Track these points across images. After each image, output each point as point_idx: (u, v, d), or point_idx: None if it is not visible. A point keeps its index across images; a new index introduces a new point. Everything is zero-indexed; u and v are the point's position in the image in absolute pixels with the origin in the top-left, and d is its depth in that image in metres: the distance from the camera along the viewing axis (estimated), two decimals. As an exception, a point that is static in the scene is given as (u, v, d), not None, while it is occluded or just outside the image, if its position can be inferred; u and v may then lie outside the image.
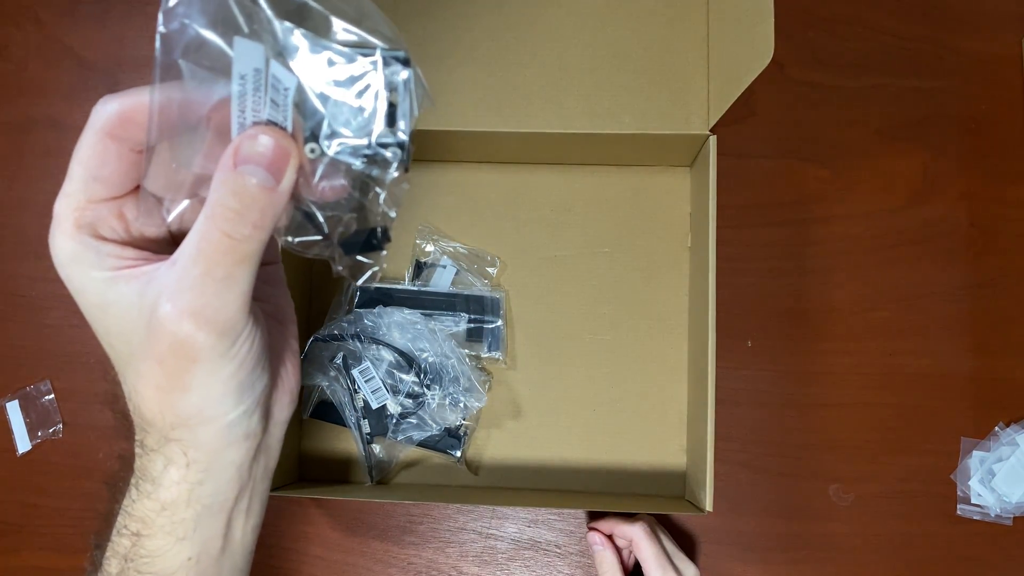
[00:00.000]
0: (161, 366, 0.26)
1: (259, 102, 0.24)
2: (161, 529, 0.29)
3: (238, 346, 0.26)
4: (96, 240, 0.27)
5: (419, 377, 0.56)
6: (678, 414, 0.57)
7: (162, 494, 0.28)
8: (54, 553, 0.59)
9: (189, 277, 0.25)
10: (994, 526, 0.56)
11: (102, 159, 0.26)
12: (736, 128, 0.60)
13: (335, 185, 0.27)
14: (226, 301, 0.25)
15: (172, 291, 0.25)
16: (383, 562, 0.57)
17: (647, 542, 0.49)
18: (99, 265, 0.27)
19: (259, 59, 0.24)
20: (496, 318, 0.58)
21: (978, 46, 0.60)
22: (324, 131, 0.25)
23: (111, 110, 0.26)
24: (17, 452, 0.60)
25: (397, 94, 0.26)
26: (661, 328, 0.58)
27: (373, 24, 0.25)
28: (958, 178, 0.59)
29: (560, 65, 0.54)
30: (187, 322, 0.25)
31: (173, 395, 0.26)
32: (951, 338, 0.58)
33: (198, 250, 0.25)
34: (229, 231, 0.25)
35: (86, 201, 0.27)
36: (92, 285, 0.27)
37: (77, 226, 0.27)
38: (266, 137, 0.24)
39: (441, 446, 0.56)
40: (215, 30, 0.24)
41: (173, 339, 0.25)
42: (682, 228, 0.59)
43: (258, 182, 0.24)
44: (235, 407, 0.28)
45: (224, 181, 0.25)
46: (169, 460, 0.28)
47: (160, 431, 0.27)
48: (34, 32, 0.64)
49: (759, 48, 0.40)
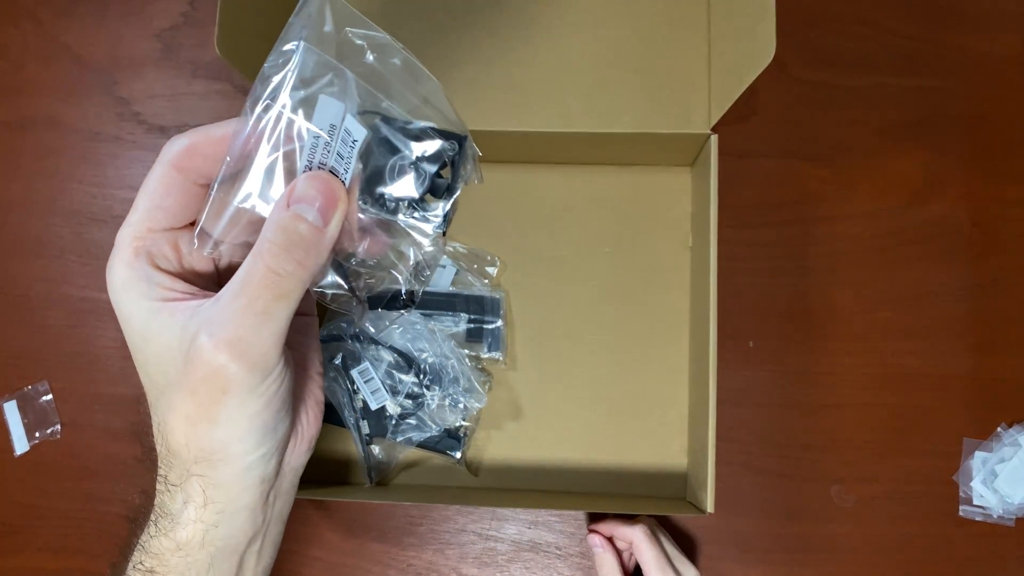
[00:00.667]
0: (193, 396, 0.27)
1: (327, 153, 0.27)
2: (175, 568, 0.29)
3: (267, 383, 0.27)
4: (150, 268, 0.28)
5: (419, 378, 0.55)
6: (679, 415, 0.57)
7: (179, 533, 0.29)
8: (52, 554, 0.59)
9: (230, 309, 0.26)
10: (996, 527, 0.56)
11: (167, 189, 0.28)
12: (737, 127, 0.60)
13: (378, 240, 0.29)
14: (262, 336, 0.26)
15: (212, 323, 0.26)
16: (382, 564, 0.57)
17: (647, 544, 0.49)
18: (148, 294, 0.28)
19: (338, 116, 0.27)
20: (496, 318, 0.57)
21: (980, 45, 0.60)
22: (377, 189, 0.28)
23: (181, 144, 0.28)
24: (15, 453, 0.60)
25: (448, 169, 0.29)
26: (662, 328, 0.58)
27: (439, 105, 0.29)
28: (959, 178, 0.59)
29: (561, 64, 0.53)
30: (223, 353, 0.26)
31: (200, 427, 0.27)
32: (953, 338, 0.58)
33: (241, 284, 0.26)
34: (273, 266, 0.26)
35: (147, 229, 0.28)
36: (139, 312, 0.28)
37: (135, 253, 0.28)
38: (320, 181, 0.27)
39: (441, 447, 0.56)
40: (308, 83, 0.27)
41: (207, 369, 0.26)
42: (683, 228, 0.58)
43: (307, 221, 0.26)
44: (256, 448, 0.28)
45: (276, 219, 0.26)
46: (188, 498, 0.28)
47: (184, 464, 0.28)
48: (32, 31, 0.64)
49: (761, 47, 0.40)
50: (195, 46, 0.63)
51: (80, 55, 0.63)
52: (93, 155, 0.62)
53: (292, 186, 0.27)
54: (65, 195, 0.62)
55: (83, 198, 0.62)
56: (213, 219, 0.28)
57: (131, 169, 0.62)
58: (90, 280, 0.61)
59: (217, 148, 0.28)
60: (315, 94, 0.27)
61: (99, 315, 0.61)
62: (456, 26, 0.54)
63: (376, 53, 0.28)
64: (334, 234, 0.27)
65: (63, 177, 0.62)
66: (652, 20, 0.54)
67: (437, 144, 0.29)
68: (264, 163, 0.27)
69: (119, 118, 0.63)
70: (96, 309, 0.61)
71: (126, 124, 0.62)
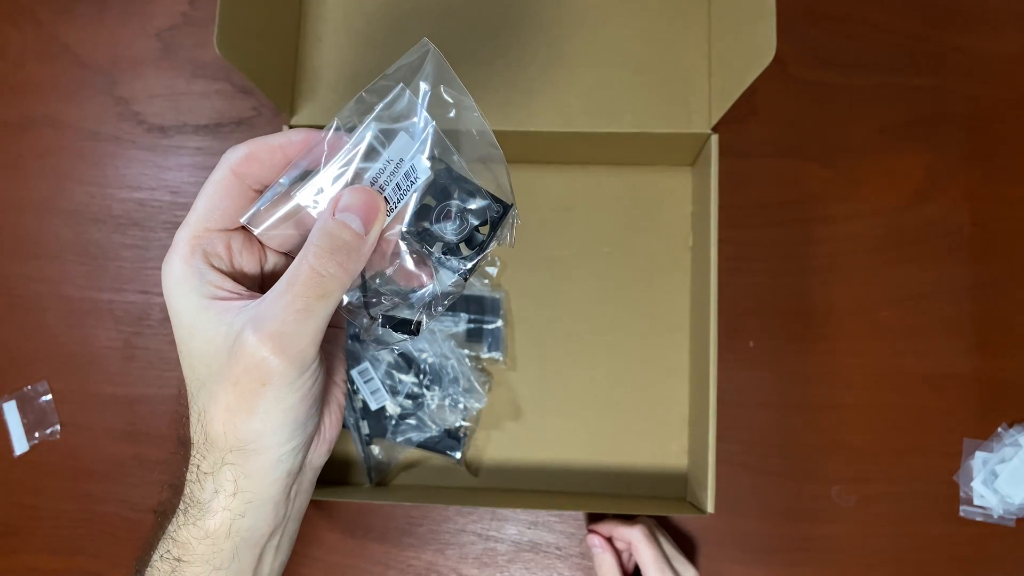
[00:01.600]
0: (235, 387, 0.28)
1: (389, 180, 0.31)
2: (201, 557, 0.31)
3: (304, 378, 0.29)
4: (204, 266, 0.30)
5: (418, 378, 0.55)
6: (679, 415, 0.57)
7: (207, 521, 0.30)
8: (51, 554, 0.58)
9: (275, 306, 0.28)
10: (997, 527, 0.56)
11: (226, 191, 0.30)
12: (738, 127, 0.60)
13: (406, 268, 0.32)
14: (302, 332, 0.28)
15: (257, 319, 0.28)
16: (382, 564, 0.57)
17: (646, 545, 0.49)
18: (199, 290, 0.30)
19: (409, 153, 0.31)
20: (496, 318, 0.57)
21: (981, 45, 0.60)
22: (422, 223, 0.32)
23: (241, 151, 0.30)
24: (14, 453, 0.60)
25: (487, 227, 0.33)
26: (662, 328, 0.58)
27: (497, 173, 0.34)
28: (961, 177, 0.59)
29: (561, 64, 0.53)
30: (265, 346, 0.28)
31: (239, 416, 0.29)
32: (954, 338, 0.58)
33: (287, 283, 0.28)
34: (317, 267, 0.28)
35: (204, 229, 0.30)
36: (188, 307, 0.30)
37: (192, 250, 0.30)
38: (365, 194, 0.30)
39: (441, 447, 0.56)
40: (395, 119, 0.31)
41: (250, 361, 0.28)
42: (683, 228, 0.58)
43: (350, 228, 0.29)
44: (288, 441, 0.30)
45: (323, 225, 0.29)
46: (219, 486, 0.30)
47: (220, 452, 0.30)
48: (32, 31, 0.64)
49: (761, 46, 0.40)
50: (195, 46, 0.63)
51: (80, 55, 0.63)
52: (92, 155, 0.62)
53: (338, 196, 0.30)
54: (64, 195, 0.62)
55: (82, 198, 0.62)
56: (271, 208, 0.31)
57: (130, 169, 0.62)
58: (89, 280, 0.61)
59: (274, 156, 0.31)
60: (397, 129, 0.30)
61: (98, 315, 0.61)
62: (456, 26, 0.54)
63: (459, 112, 0.32)
64: (373, 242, 0.30)
65: (62, 177, 0.62)
66: (652, 20, 0.53)
67: (485, 203, 0.33)
68: (334, 172, 0.30)
69: (119, 118, 0.62)
70: (95, 309, 0.61)
71: (126, 124, 0.62)
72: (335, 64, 0.54)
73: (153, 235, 0.61)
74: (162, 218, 0.61)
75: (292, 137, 0.31)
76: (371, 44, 0.55)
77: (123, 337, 0.60)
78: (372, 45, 0.54)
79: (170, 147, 0.62)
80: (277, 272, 0.33)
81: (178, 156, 0.62)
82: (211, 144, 0.62)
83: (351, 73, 0.54)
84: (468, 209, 0.32)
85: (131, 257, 0.61)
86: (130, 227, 0.62)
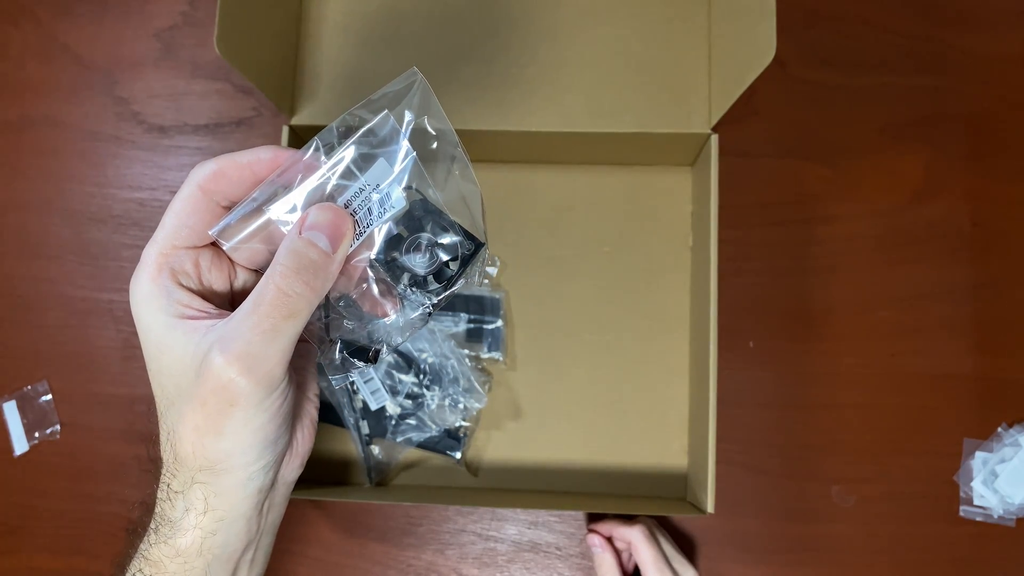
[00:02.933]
0: (203, 407, 0.28)
1: (362, 204, 0.30)
2: (173, 575, 0.31)
3: (272, 398, 0.29)
4: (172, 284, 0.30)
5: (418, 378, 0.55)
6: (679, 415, 0.57)
7: (179, 540, 0.30)
8: (51, 554, 0.58)
9: (242, 326, 0.28)
10: (997, 527, 0.56)
11: (193, 208, 0.30)
12: (738, 127, 0.60)
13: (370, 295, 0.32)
14: (269, 353, 0.28)
15: (224, 339, 0.28)
16: (382, 564, 0.57)
17: (645, 545, 0.49)
18: (167, 309, 0.30)
19: (386, 180, 0.30)
20: (496, 318, 0.57)
21: (982, 45, 0.60)
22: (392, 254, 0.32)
23: (209, 168, 0.30)
24: (14, 453, 0.60)
25: (457, 263, 0.32)
26: (662, 328, 0.58)
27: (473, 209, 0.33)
28: (961, 177, 0.59)
29: (560, 63, 0.53)
30: (233, 367, 0.27)
31: (208, 437, 0.29)
32: (954, 338, 0.58)
33: (253, 303, 0.28)
34: (284, 287, 0.28)
35: (171, 246, 0.30)
36: (157, 325, 0.30)
37: (159, 268, 0.30)
38: (332, 212, 0.29)
39: (441, 447, 0.56)
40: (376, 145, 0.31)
41: (217, 382, 0.28)
42: (683, 228, 0.58)
43: (317, 247, 0.28)
44: (257, 459, 0.30)
45: (288, 244, 0.29)
46: (190, 505, 0.30)
47: (189, 472, 0.29)
48: (32, 31, 0.64)
49: (761, 46, 0.40)
50: (195, 46, 0.63)
51: (80, 55, 0.63)
52: (92, 155, 0.62)
53: (304, 216, 0.29)
54: (64, 195, 0.62)
55: (82, 198, 0.62)
56: (241, 223, 0.31)
57: (131, 169, 0.62)
58: (89, 280, 0.61)
59: (242, 173, 0.30)
60: (377, 154, 0.30)
61: (99, 315, 0.61)
62: (456, 26, 0.54)
63: (440, 145, 0.32)
64: (340, 262, 0.30)
65: (63, 177, 0.62)
66: (652, 20, 0.53)
67: (457, 239, 0.32)
68: (309, 188, 0.30)
69: (118, 118, 0.62)
70: (96, 309, 0.61)
71: (126, 124, 0.62)
72: (335, 64, 0.54)
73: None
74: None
75: (261, 155, 0.30)
76: (371, 44, 0.55)
77: (123, 337, 0.60)
78: (372, 45, 0.55)
79: (170, 147, 0.62)
80: (247, 289, 0.33)
81: (178, 156, 0.62)
82: (211, 144, 0.62)
83: (351, 73, 0.54)
84: (439, 243, 0.32)
85: (131, 257, 0.61)
86: (130, 227, 0.62)
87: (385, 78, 0.54)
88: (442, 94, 0.53)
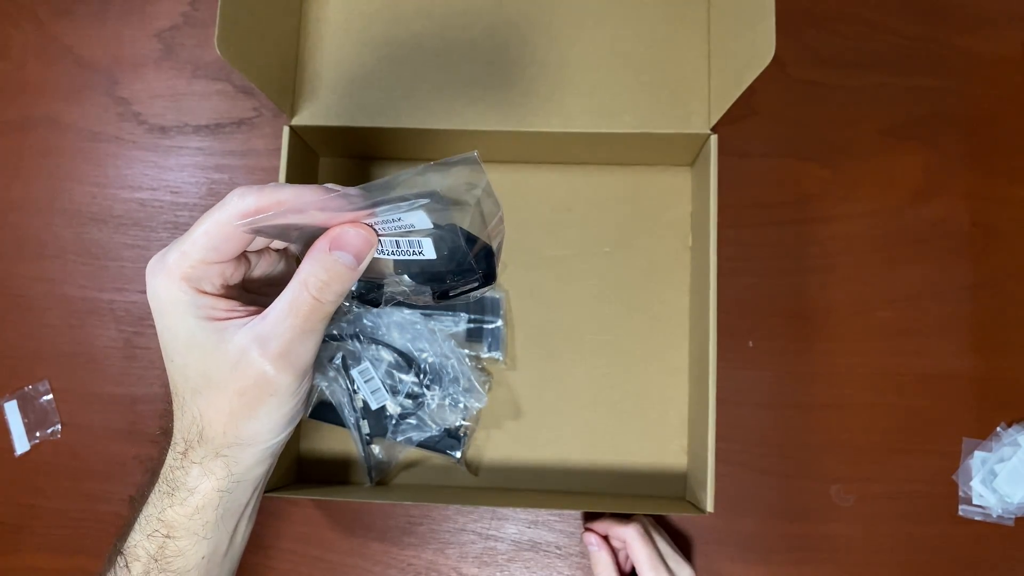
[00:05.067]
0: (241, 396, 0.32)
1: (390, 230, 0.32)
2: (188, 531, 0.34)
3: (302, 386, 0.34)
4: (196, 293, 0.32)
5: (419, 377, 0.55)
6: (679, 414, 0.57)
7: (196, 500, 0.34)
8: (52, 554, 0.59)
9: (280, 327, 0.32)
10: (996, 527, 0.56)
11: (227, 236, 0.32)
12: (737, 127, 0.60)
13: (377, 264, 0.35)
14: (303, 350, 0.32)
15: (263, 339, 0.32)
16: (382, 563, 0.57)
17: (640, 543, 0.49)
18: (194, 313, 0.32)
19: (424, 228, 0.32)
20: (496, 318, 0.57)
21: (981, 45, 0.60)
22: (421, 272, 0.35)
23: (250, 203, 0.32)
24: (15, 452, 0.60)
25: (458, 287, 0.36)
26: (662, 328, 0.58)
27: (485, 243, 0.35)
28: (960, 177, 0.59)
29: (560, 64, 0.53)
30: (273, 364, 0.32)
31: (241, 420, 0.33)
32: (953, 338, 0.58)
33: (290, 309, 0.32)
34: (319, 296, 0.32)
35: (200, 262, 0.32)
36: (184, 327, 0.32)
37: (184, 279, 0.32)
38: (359, 234, 0.32)
39: (441, 447, 0.56)
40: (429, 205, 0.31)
41: (259, 376, 0.32)
42: (683, 228, 0.58)
43: (345, 264, 0.32)
44: (280, 433, 0.34)
45: (319, 259, 0.32)
46: (208, 471, 0.34)
47: (214, 448, 0.33)
48: (33, 31, 0.64)
49: (760, 47, 0.40)
50: (195, 46, 0.63)
51: (81, 55, 0.63)
52: (93, 155, 0.62)
53: (334, 232, 0.32)
54: (65, 195, 0.62)
55: (83, 198, 0.62)
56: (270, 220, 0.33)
57: (131, 169, 0.62)
58: (90, 280, 0.61)
59: (279, 208, 0.32)
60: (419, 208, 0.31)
61: (99, 315, 0.61)
62: (456, 26, 0.54)
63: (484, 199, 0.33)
64: (362, 271, 0.33)
65: (63, 177, 0.62)
66: (652, 20, 0.54)
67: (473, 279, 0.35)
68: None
69: (119, 118, 0.63)
70: (96, 309, 0.61)
71: (126, 124, 0.63)
72: (335, 64, 0.54)
73: (154, 235, 0.61)
74: (163, 218, 0.62)
75: (305, 197, 0.31)
76: (371, 44, 0.55)
77: (124, 337, 0.60)
78: (372, 45, 0.55)
79: (171, 147, 0.62)
80: (263, 275, 0.37)
81: (179, 156, 0.62)
82: (211, 144, 0.62)
83: (351, 73, 0.54)
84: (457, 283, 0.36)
85: (132, 257, 0.61)
86: (131, 227, 0.62)
87: (385, 78, 0.55)
88: (442, 94, 0.53)
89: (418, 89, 0.54)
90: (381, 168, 0.61)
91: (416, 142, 0.56)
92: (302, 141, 0.56)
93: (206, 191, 0.62)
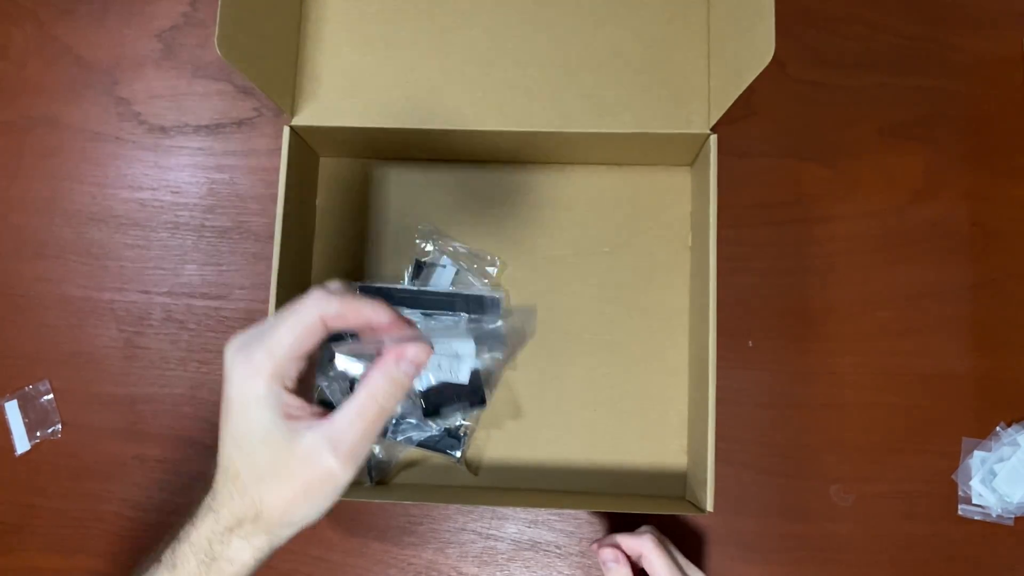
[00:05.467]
0: (305, 489, 0.35)
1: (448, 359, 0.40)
2: None
3: (356, 474, 0.37)
4: (280, 389, 0.36)
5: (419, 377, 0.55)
6: (679, 414, 0.57)
7: (233, 569, 0.37)
8: (52, 553, 0.59)
9: (350, 431, 0.35)
10: (995, 526, 0.56)
11: (311, 333, 0.36)
12: (737, 127, 0.60)
13: None
14: (366, 448, 0.36)
15: (335, 441, 0.35)
16: (383, 563, 0.57)
17: (657, 553, 0.48)
18: (276, 409, 0.36)
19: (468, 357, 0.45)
20: (496, 318, 0.57)
21: (980, 45, 0.60)
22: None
23: (335, 307, 0.36)
24: (16, 452, 0.60)
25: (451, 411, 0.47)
26: (661, 328, 0.58)
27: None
28: (960, 177, 0.59)
29: (560, 64, 0.53)
30: (342, 464, 0.35)
31: (299, 507, 0.36)
32: (952, 338, 0.58)
33: (359, 415, 0.36)
34: (384, 404, 0.36)
35: (284, 359, 0.36)
36: (262, 422, 0.35)
37: (273, 375, 0.35)
38: (423, 352, 0.37)
39: (441, 446, 0.56)
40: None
41: (327, 472, 0.35)
42: (683, 228, 0.58)
43: (407, 376, 0.37)
44: (323, 512, 0.37)
45: (386, 372, 0.36)
46: (251, 544, 0.36)
47: (266, 527, 0.36)
48: (33, 32, 0.64)
49: (760, 47, 0.40)
50: (196, 46, 0.63)
51: (81, 55, 0.63)
52: (93, 155, 0.62)
53: (402, 350, 0.37)
54: (65, 195, 0.62)
55: (83, 198, 0.62)
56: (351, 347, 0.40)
57: (132, 169, 0.62)
58: (90, 280, 0.61)
59: (358, 321, 0.37)
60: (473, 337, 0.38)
61: (100, 315, 0.61)
62: (456, 26, 0.54)
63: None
64: (414, 380, 0.38)
65: (63, 177, 0.62)
66: (652, 20, 0.54)
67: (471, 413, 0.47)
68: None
69: (120, 118, 0.63)
70: (97, 309, 0.61)
71: (127, 124, 0.63)
72: (336, 64, 0.54)
73: (155, 235, 0.62)
74: (163, 218, 0.62)
75: (382, 317, 0.37)
76: (371, 44, 0.55)
77: (124, 337, 0.60)
78: (372, 45, 0.55)
79: (171, 147, 0.62)
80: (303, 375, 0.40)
81: (179, 156, 0.62)
82: (212, 144, 0.62)
83: (351, 73, 0.54)
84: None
85: (133, 257, 0.61)
86: (131, 227, 0.62)
87: (385, 78, 0.55)
88: (442, 94, 0.53)
89: (418, 89, 0.54)
90: (381, 168, 0.61)
91: (416, 142, 0.56)
92: (302, 141, 0.56)
93: (206, 191, 0.62)
